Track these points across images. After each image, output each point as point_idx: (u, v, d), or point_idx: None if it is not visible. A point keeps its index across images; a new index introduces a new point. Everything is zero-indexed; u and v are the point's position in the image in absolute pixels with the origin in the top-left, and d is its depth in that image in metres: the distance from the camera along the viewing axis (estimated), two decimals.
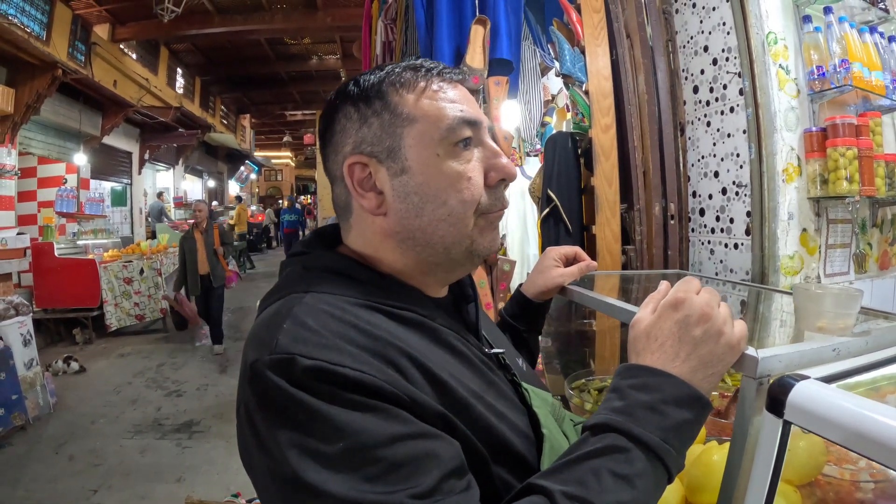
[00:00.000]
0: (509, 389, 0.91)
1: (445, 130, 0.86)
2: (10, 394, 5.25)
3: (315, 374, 0.69)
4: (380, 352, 0.74)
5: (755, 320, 1.58)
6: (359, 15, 6.11)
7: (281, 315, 0.78)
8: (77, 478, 4.47)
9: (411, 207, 0.86)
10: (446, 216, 0.86)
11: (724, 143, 2.18)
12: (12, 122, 8.71)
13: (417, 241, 0.88)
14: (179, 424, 5.53)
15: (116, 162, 13.94)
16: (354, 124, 0.89)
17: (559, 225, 2.45)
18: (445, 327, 0.87)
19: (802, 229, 1.97)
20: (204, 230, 8.02)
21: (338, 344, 0.72)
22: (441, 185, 0.86)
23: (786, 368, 0.77)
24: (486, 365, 0.89)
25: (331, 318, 0.76)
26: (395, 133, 0.86)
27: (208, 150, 19.87)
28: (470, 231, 0.88)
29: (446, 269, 0.93)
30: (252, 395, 0.72)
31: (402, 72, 0.90)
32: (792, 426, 0.72)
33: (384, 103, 0.87)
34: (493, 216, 0.91)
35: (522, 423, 0.86)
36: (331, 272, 0.87)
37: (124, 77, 13.34)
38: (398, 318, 0.82)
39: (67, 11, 10.93)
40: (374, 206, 0.88)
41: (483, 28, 2.41)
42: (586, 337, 2.33)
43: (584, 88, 2.37)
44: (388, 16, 4.26)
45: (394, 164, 0.86)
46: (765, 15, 1.95)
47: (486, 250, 0.91)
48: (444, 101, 0.88)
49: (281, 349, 0.71)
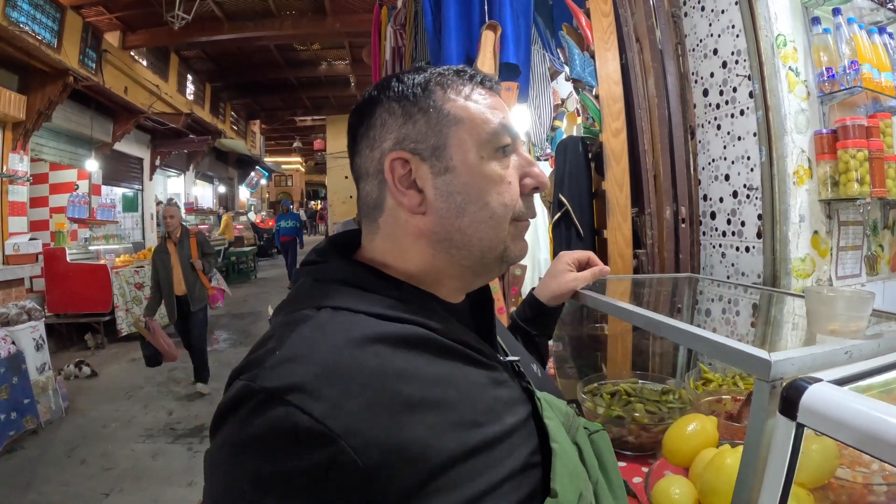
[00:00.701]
0: (521, 399, 0.87)
1: (490, 134, 0.86)
2: (23, 398, 5.28)
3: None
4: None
5: (767, 324, 1.58)
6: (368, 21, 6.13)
7: (276, 339, 0.74)
8: (89, 481, 4.50)
9: (453, 207, 0.85)
10: (487, 218, 0.85)
11: (735, 146, 2.18)
12: (24, 129, 8.79)
13: (454, 242, 0.86)
14: (191, 428, 5.56)
15: (128, 168, 14.01)
16: (398, 120, 0.87)
17: (570, 229, 2.45)
18: (459, 342, 0.82)
19: (814, 232, 1.97)
20: (178, 241, 6.62)
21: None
22: (484, 187, 0.85)
23: (798, 371, 0.77)
24: (496, 380, 0.84)
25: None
26: (440, 132, 0.85)
27: (219, 155, 19.95)
28: (505, 236, 0.87)
29: (475, 273, 0.91)
30: (223, 407, 0.69)
31: (449, 74, 0.90)
32: (805, 429, 0.72)
33: (431, 102, 0.86)
34: (522, 224, 0.90)
35: (528, 446, 0.81)
36: (343, 283, 0.84)
37: (135, 84, 13.45)
38: (405, 343, 0.76)
39: (78, 19, 11.05)
40: (415, 203, 0.85)
41: (493, 33, 2.41)
42: (598, 341, 2.33)
43: (594, 93, 2.37)
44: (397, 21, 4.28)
45: (438, 162, 0.85)
46: (774, 17, 1.95)
47: (515, 257, 0.91)
48: (487, 107, 0.88)
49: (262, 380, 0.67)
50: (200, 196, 18.92)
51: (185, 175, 17.64)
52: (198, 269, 6.59)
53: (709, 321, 1.98)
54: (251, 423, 0.63)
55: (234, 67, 18.64)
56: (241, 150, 20.35)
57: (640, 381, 1.84)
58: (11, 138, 8.71)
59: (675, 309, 1.84)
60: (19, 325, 5.70)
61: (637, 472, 1.51)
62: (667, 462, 1.42)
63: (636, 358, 2.20)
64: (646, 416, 1.59)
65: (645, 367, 2.14)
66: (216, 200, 20.17)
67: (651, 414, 1.60)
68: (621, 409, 1.64)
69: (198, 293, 6.59)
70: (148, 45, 14.37)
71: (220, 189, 21.08)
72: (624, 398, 1.70)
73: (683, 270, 2.25)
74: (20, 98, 8.57)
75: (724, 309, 1.92)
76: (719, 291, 1.99)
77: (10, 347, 5.32)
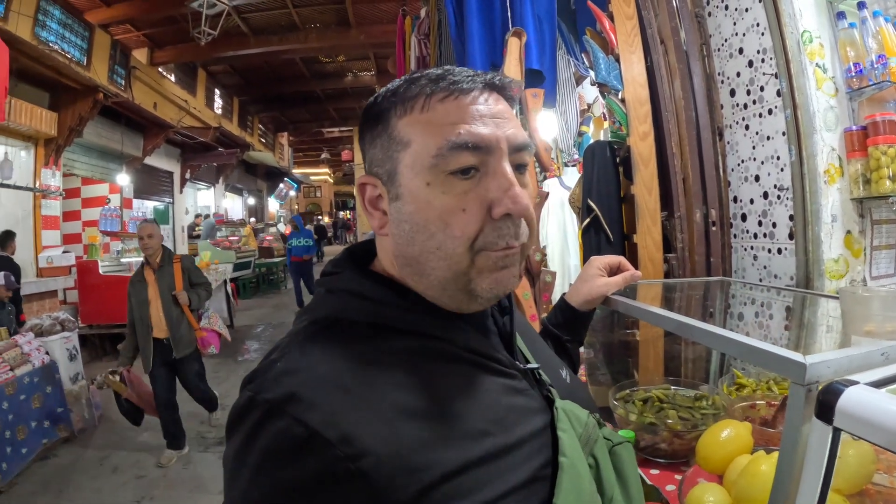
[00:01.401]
0: (540, 408, 0.84)
1: (434, 158, 0.76)
2: (56, 407, 5.39)
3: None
4: None
5: (801, 326, 1.56)
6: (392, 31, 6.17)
7: (280, 350, 0.76)
8: (121, 489, 4.57)
9: (403, 235, 0.80)
10: (435, 249, 0.77)
11: (764, 146, 2.15)
12: (56, 145, 9.06)
13: (415, 269, 0.81)
14: (222, 437, 5.51)
15: (158, 182, 14.29)
16: (367, 143, 0.86)
17: (600, 235, 2.44)
18: (470, 350, 0.80)
19: (846, 231, 1.93)
20: (158, 267, 5.05)
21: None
22: (429, 217, 0.77)
23: (834, 374, 0.76)
24: (513, 388, 0.82)
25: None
26: (392, 157, 0.80)
27: (248, 168, 20.21)
28: (465, 269, 0.78)
29: (451, 300, 0.82)
30: (233, 415, 0.72)
31: (408, 87, 0.82)
32: (842, 433, 0.71)
33: (384, 125, 0.82)
34: (496, 255, 0.79)
35: (540, 458, 0.77)
36: (353, 295, 0.82)
37: (164, 99, 13.72)
38: (407, 353, 0.76)
39: (106, 37, 11.31)
40: (378, 226, 0.84)
41: (519, 40, 2.41)
42: (629, 347, 2.31)
43: (620, 96, 2.36)
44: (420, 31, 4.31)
45: (391, 188, 0.81)
46: (798, 14, 1.92)
47: (487, 292, 0.80)
48: (442, 122, 0.77)
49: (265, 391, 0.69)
50: (230, 208, 19.19)
51: (215, 188, 17.90)
52: (182, 304, 5.04)
53: (741, 325, 1.95)
54: (256, 435, 0.66)
55: (260, 81, 18.89)
56: (269, 162, 20.58)
57: (672, 388, 1.82)
58: (44, 154, 8.97)
59: (707, 313, 1.81)
60: (53, 335, 5.82)
61: (670, 480, 1.50)
62: (700, 469, 1.39)
63: (668, 364, 2.18)
64: (679, 423, 1.57)
65: (677, 372, 2.12)
66: (246, 212, 20.40)
67: (684, 420, 1.58)
68: (654, 416, 1.62)
69: (183, 335, 5.06)
70: (175, 61, 14.65)
71: (250, 201, 21.34)
72: (656, 405, 1.68)
73: (715, 274, 2.23)
74: (51, 115, 8.81)
75: (757, 312, 1.89)
76: (752, 295, 1.96)
77: (43, 357, 5.42)
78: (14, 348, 5.14)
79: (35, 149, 8.89)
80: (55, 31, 9.60)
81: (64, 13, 9.91)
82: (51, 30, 9.46)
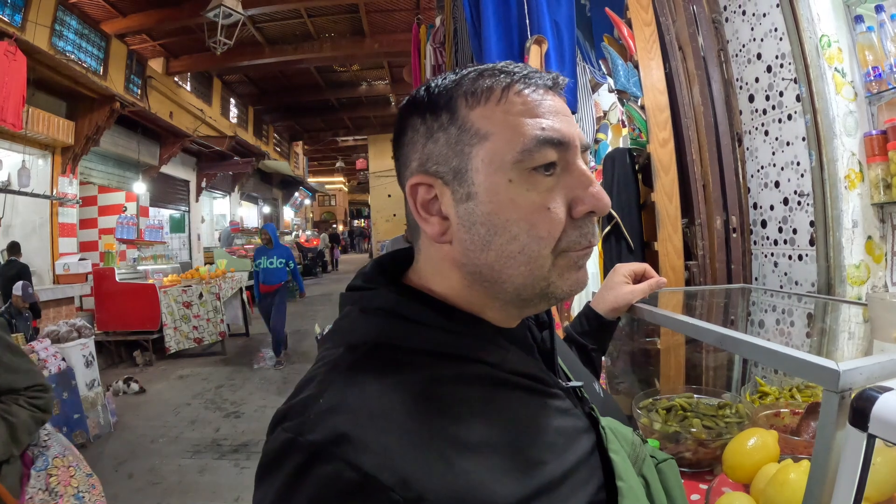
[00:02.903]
0: (585, 428, 0.79)
1: (520, 153, 0.71)
2: (73, 413, 5.44)
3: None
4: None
5: (823, 333, 1.55)
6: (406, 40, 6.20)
7: (319, 383, 0.69)
8: (136, 495, 4.59)
9: (477, 240, 0.73)
10: (517, 253, 0.72)
11: (784, 152, 2.14)
12: (73, 154, 9.22)
13: (484, 276, 0.75)
14: (237, 445, 5.62)
15: (174, 190, 14.44)
16: (421, 138, 0.76)
17: (621, 242, 2.43)
18: (517, 373, 0.75)
19: (867, 237, 1.92)
20: None
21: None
22: (512, 217, 0.71)
23: (867, 381, 0.75)
24: (559, 409, 0.78)
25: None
26: (462, 151, 0.73)
27: (263, 177, 20.35)
28: (546, 272, 0.74)
29: (518, 308, 0.79)
30: (268, 457, 0.65)
31: (478, 77, 0.76)
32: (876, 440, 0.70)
33: (452, 115, 0.74)
34: (576, 255, 0.75)
35: (594, 483, 0.74)
36: (390, 315, 0.75)
37: (180, 108, 13.86)
38: (457, 382, 0.71)
39: (122, 47, 11.45)
40: (438, 232, 0.75)
41: (540, 48, 2.41)
42: (649, 355, 2.30)
43: (639, 103, 2.35)
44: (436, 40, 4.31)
45: (460, 187, 0.73)
46: (816, 18, 1.91)
47: (565, 294, 0.77)
48: (523, 116, 0.72)
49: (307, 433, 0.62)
50: (246, 217, 19.29)
51: (231, 196, 18.03)
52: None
53: (763, 332, 1.94)
54: (300, 482, 0.59)
55: (275, 90, 19.02)
56: (284, 171, 20.73)
57: (695, 396, 1.81)
58: (61, 162, 9.11)
59: (729, 321, 1.80)
60: (69, 342, 5.86)
61: (695, 489, 1.48)
62: (726, 478, 1.38)
63: (689, 372, 2.17)
64: (703, 432, 1.56)
65: (698, 381, 2.10)
66: (261, 221, 20.50)
67: (708, 429, 1.57)
68: (678, 425, 1.61)
69: None
70: (191, 70, 14.79)
71: (265, 209, 21.45)
72: (680, 413, 1.67)
73: (736, 281, 2.21)
74: (68, 123, 8.95)
75: (779, 319, 1.88)
76: (773, 301, 1.95)
77: (60, 364, 5.46)
78: (31, 355, 5.17)
79: (52, 157, 9.02)
80: (72, 41, 9.72)
81: (81, 23, 10.05)
82: (68, 40, 9.59)
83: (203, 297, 9.46)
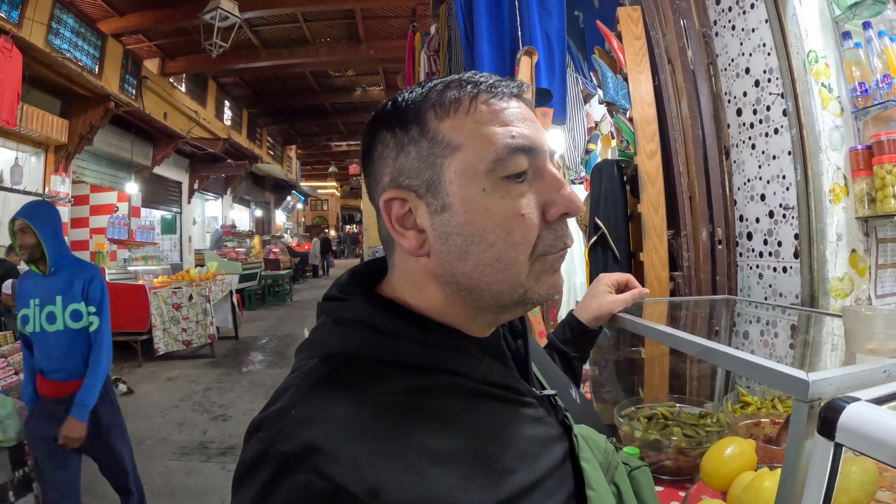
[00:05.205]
0: (558, 436, 0.81)
1: (493, 162, 0.72)
2: None
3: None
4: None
5: (805, 344, 1.57)
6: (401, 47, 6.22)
7: (292, 395, 0.69)
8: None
9: (454, 250, 0.74)
10: (494, 261, 0.73)
11: (770, 166, 2.16)
12: (66, 152, 9.19)
13: (462, 286, 0.75)
14: (225, 448, 5.58)
15: (167, 191, 14.43)
16: (392, 152, 0.76)
17: (607, 252, 2.45)
18: (489, 383, 0.76)
19: (851, 250, 1.94)
20: None
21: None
22: (488, 225, 0.72)
23: (836, 391, 0.77)
24: (532, 417, 0.79)
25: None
26: (434, 164, 0.73)
27: (256, 180, 20.32)
28: (524, 279, 0.75)
29: (495, 313, 0.79)
30: (242, 467, 0.65)
31: (445, 89, 0.76)
32: (843, 449, 0.72)
33: (422, 128, 0.74)
34: (552, 258, 0.77)
35: (564, 491, 0.75)
36: (363, 326, 0.75)
37: (174, 109, 13.84)
38: (428, 393, 0.71)
39: (119, 46, 11.45)
40: (415, 246, 0.76)
41: (530, 59, 2.43)
42: (634, 364, 2.32)
43: (627, 115, 2.38)
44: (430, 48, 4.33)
45: (434, 199, 0.74)
46: (804, 34, 1.93)
47: (542, 298, 0.78)
48: (493, 125, 0.73)
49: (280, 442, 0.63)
50: (238, 219, 19.27)
51: (223, 199, 18.01)
52: None
53: (747, 343, 1.96)
54: (273, 492, 0.60)
55: (270, 93, 19.01)
56: (277, 174, 20.71)
57: (677, 405, 1.82)
58: (54, 160, 9.08)
59: (713, 331, 1.82)
60: None
61: (674, 497, 1.50)
62: (704, 486, 1.40)
63: (673, 381, 2.18)
64: (683, 440, 1.58)
65: (682, 390, 2.12)
66: (253, 224, 20.48)
67: (689, 438, 1.59)
68: (659, 433, 1.62)
69: None
70: (186, 71, 14.79)
71: (257, 213, 21.43)
72: (661, 422, 1.69)
73: (720, 292, 2.23)
74: (62, 122, 8.93)
75: (763, 331, 1.90)
76: (757, 313, 1.97)
77: None
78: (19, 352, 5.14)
79: (45, 155, 9.00)
80: (68, 40, 9.73)
81: (77, 22, 10.06)
82: (64, 38, 9.59)
83: (193, 299, 9.41)
